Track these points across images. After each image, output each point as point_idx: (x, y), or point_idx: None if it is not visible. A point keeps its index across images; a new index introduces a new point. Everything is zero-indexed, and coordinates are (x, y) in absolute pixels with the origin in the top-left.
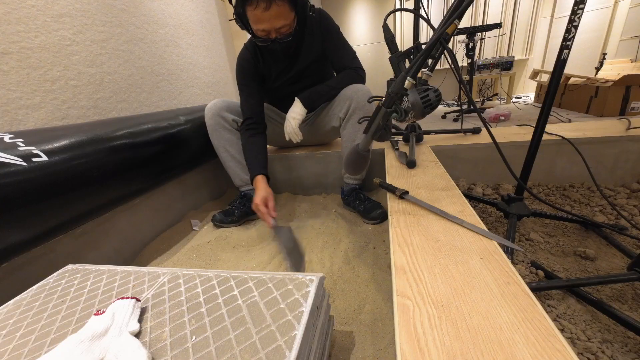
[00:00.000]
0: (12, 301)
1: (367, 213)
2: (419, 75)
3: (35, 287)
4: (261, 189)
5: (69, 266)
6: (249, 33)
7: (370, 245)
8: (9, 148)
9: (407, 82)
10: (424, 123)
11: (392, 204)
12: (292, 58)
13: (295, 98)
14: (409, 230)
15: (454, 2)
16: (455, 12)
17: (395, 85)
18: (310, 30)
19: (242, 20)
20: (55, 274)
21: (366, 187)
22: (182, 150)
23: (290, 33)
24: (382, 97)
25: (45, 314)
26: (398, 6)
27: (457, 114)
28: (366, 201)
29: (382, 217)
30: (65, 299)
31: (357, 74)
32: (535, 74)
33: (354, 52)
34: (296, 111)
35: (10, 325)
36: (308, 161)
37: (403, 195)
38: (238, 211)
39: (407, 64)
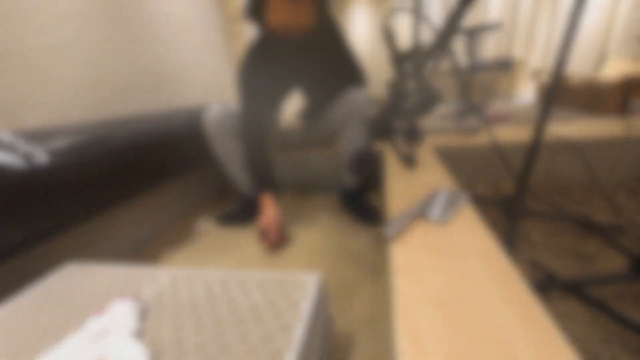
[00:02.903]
0: (12, 301)
1: (362, 216)
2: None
3: (35, 287)
4: (268, 209)
5: (69, 266)
6: (259, 26)
7: (371, 245)
8: (9, 148)
9: (410, 83)
10: (424, 123)
11: (392, 205)
12: (299, 59)
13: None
14: (409, 230)
15: (455, 4)
16: (457, 15)
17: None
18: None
19: (256, 7)
20: (55, 274)
21: (364, 189)
22: (182, 150)
23: (309, 27)
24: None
25: (45, 313)
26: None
27: (457, 114)
28: (363, 204)
29: (377, 220)
30: (65, 298)
31: (357, 78)
32: (535, 74)
33: (358, 59)
34: None
35: (10, 325)
36: (309, 161)
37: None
38: (242, 212)
39: (407, 64)
